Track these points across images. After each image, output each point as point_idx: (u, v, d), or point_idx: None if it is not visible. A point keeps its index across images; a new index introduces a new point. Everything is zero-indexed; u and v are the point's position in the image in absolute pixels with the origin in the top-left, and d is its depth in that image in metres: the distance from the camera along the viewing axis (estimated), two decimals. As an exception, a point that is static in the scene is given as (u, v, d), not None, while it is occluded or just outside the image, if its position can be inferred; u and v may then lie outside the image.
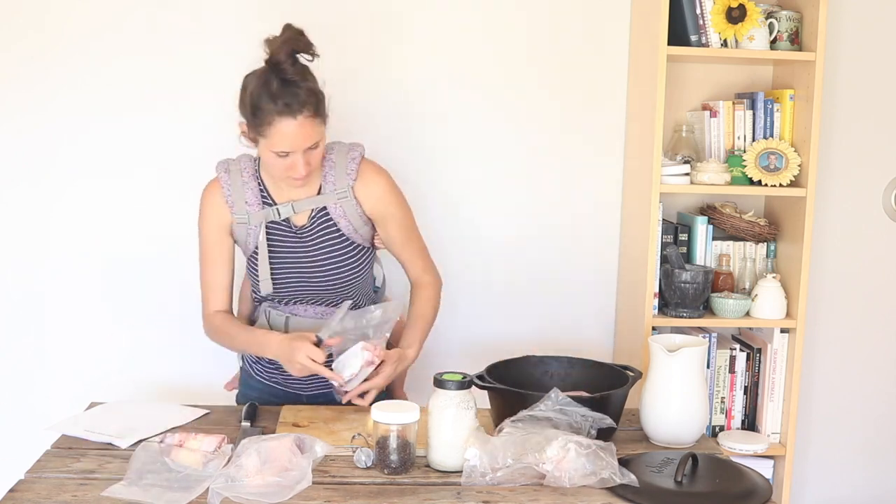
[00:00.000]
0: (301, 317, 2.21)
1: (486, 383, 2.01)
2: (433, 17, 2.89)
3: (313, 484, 1.72)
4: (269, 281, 2.16)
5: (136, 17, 2.81)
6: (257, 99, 1.99)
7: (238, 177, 2.16)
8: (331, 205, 2.15)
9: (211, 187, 2.19)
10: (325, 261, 2.17)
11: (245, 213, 2.15)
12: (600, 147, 3.01)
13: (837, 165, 3.08)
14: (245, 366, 2.36)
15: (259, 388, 2.31)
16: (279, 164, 2.04)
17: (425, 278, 2.29)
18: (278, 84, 1.98)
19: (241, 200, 2.15)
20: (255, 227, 2.16)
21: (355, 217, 2.17)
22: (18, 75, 2.81)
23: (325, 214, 2.16)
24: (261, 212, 2.15)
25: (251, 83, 2.03)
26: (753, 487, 1.76)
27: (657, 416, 2.02)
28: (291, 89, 1.98)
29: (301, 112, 1.98)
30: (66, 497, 1.68)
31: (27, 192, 2.87)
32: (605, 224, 3.05)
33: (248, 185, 2.16)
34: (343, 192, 2.14)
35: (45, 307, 2.92)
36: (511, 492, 1.73)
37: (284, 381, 2.26)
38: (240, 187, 2.15)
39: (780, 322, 2.83)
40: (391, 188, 2.20)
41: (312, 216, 2.16)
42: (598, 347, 3.05)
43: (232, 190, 2.15)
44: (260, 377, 2.31)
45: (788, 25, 2.78)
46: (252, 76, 2.04)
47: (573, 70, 2.96)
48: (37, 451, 1.91)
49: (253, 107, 2.00)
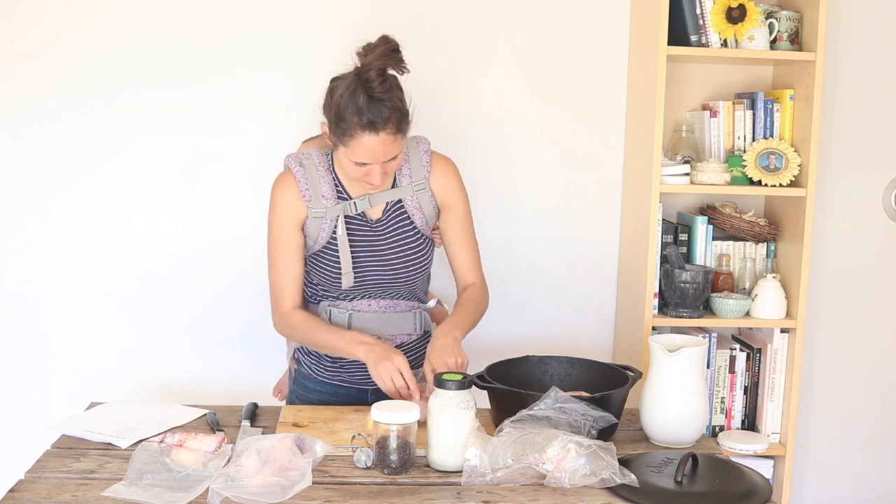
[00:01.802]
0: (364, 312, 2.22)
1: (486, 383, 2.01)
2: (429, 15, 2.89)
3: (313, 484, 1.72)
4: (351, 274, 2.17)
5: (135, 13, 2.81)
6: (343, 109, 2.00)
7: (314, 171, 2.16)
8: (407, 197, 2.19)
9: (285, 181, 2.17)
10: (398, 253, 2.20)
11: (322, 207, 2.15)
12: (600, 147, 3.01)
13: (837, 165, 3.08)
14: (301, 368, 2.35)
15: (318, 389, 2.31)
16: (355, 172, 2.07)
17: (472, 277, 2.31)
18: (365, 99, 1.98)
19: (317, 194, 2.15)
20: (329, 221, 2.16)
21: (429, 209, 2.21)
22: (17, 72, 2.81)
23: (401, 207, 2.20)
24: (337, 206, 2.16)
25: (338, 90, 2.03)
26: (753, 487, 1.76)
27: (657, 416, 2.02)
28: (377, 106, 1.99)
29: (384, 129, 2.00)
30: (66, 497, 1.68)
31: (25, 190, 2.87)
32: (605, 224, 3.05)
33: (325, 179, 2.16)
34: (420, 185, 2.19)
35: (44, 307, 2.92)
36: (511, 492, 1.73)
37: (351, 378, 2.28)
38: (316, 181, 2.15)
39: (780, 322, 2.83)
40: (460, 177, 2.26)
41: (387, 209, 2.20)
42: (598, 347, 3.05)
43: (309, 184, 2.15)
44: (322, 377, 2.31)
45: (788, 25, 2.78)
46: (340, 82, 2.04)
47: (573, 70, 2.96)
48: (37, 451, 1.91)
49: (337, 115, 2.01)
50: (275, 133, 2.87)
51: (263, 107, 2.88)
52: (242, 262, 2.92)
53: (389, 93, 2.01)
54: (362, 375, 2.23)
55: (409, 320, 2.27)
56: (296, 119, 2.88)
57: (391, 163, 2.08)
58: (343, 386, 2.29)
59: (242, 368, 2.94)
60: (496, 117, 2.96)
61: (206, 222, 2.92)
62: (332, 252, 2.18)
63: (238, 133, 2.88)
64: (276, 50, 2.86)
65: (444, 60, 2.91)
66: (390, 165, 2.08)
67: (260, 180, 2.90)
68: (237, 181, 2.90)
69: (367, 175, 2.06)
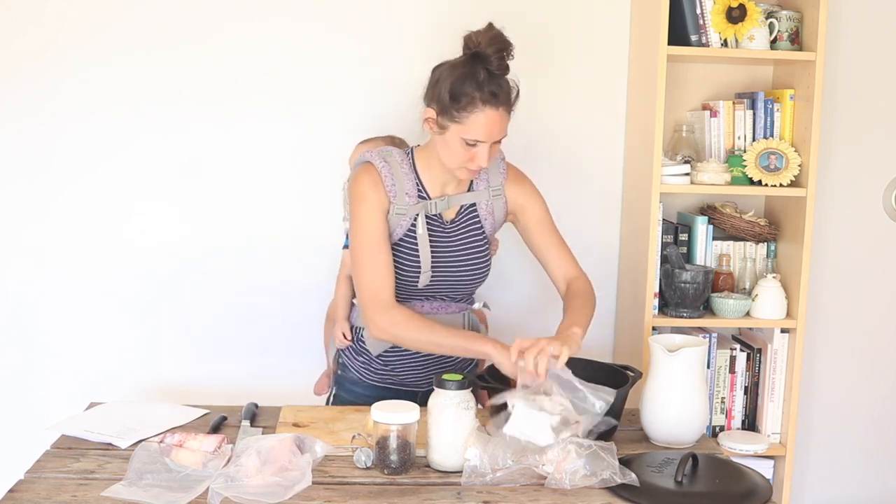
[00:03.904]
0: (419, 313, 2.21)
1: (486, 383, 2.01)
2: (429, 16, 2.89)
3: (313, 484, 1.72)
4: (429, 273, 2.18)
5: (135, 13, 2.80)
6: (461, 85, 2.04)
7: (397, 168, 2.17)
8: (482, 201, 2.24)
9: (370, 174, 2.15)
10: (466, 256, 2.23)
11: (405, 204, 2.16)
12: (600, 147, 3.01)
13: (837, 165, 3.08)
14: (348, 372, 2.34)
15: (365, 393, 2.30)
16: (461, 155, 2.08)
17: (574, 270, 2.28)
18: (485, 74, 2.04)
19: (402, 191, 2.16)
20: (408, 219, 2.17)
21: (500, 215, 2.27)
22: (17, 72, 2.81)
23: (473, 211, 2.24)
24: (418, 204, 2.17)
25: (449, 71, 2.07)
26: (753, 487, 1.76)
27: (657, 416, 2.02)
28: (498, 81, 2.06)
29: (504, 104, 2.07)
30: (66, 497, 1.68)
31: (25, 190, 2.87)
32: (605, 224, 3.05)
33: (408, 177, 2.17)
34: (497, 190, 2.24)
35: (44, 307, 2.92)
36: (511, 492, 1.73)
37: (402, 380, 2.28)
38: (401, 178, 2.16)
39: (781, 322, 2.83)
40: (535, 186, 2.30)
41: (461, 212, 2.23)
42: (598, 347, 3.05)
43: (395, 179, 2.15)
44: (370, 381, 2.30)
45: (788, 25, 2.78)
46: (449, 66, 2.09)
47: (573, 70, 2.96)
48: (37, 451, 1.91)
49: (452, 94, 2.04)
50: (275, 133, 2.87)
51: (263, 107, 2.88)
52: (243, 262, 2.93)
53: (507, 71, 2.08)
54: (413, 377, 2.27)
55: (458, 321, 2.29)
56: (296, 119, 2.88)
57: (496, 146, 2.11)
58: (392, 388, 2.29)
59: (242, 368, 2.94)
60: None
61: (206, 222, 2.92)
62: (404, 250, 2.18)
63: (238, 133, 2.88)
64: (277, 50, 2.85)
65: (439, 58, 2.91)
66: (495, 148, 2.11)
67: (260, 180, 2.91)
68: (237, 181, 2.90)
69: (473, 158, 2.08)
